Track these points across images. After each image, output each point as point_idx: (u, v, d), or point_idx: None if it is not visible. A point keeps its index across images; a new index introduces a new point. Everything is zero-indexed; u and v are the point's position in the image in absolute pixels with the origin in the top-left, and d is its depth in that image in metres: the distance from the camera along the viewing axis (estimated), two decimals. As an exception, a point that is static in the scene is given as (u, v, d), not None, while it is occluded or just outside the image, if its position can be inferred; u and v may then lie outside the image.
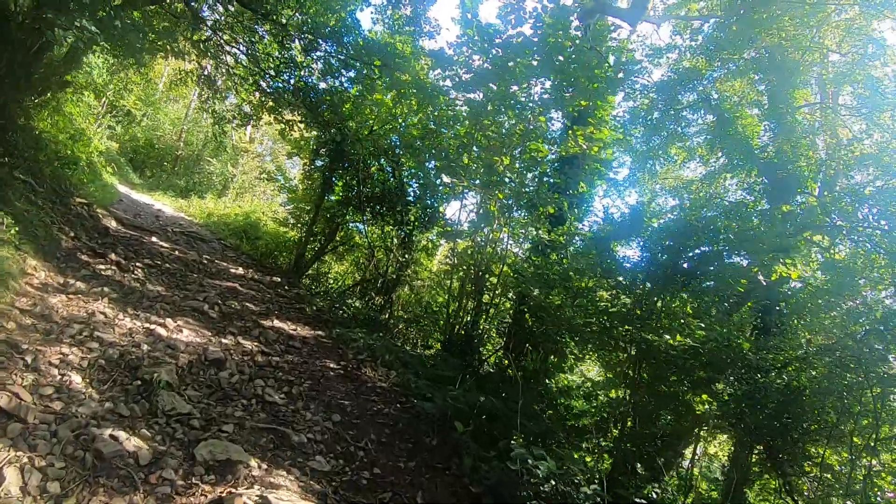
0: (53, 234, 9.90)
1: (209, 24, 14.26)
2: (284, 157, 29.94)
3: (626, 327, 8.23)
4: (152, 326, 7.31)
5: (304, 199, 16.79)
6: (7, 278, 7.49)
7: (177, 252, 12.62)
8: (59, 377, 5.47)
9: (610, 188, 15.14)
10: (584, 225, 12.75)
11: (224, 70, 16.52)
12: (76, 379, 5.53)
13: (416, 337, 12.89)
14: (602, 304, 9.05)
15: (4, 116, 11.87)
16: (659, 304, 7.75)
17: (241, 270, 13.07)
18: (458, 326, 11.05)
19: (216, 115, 17.28)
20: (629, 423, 8.73)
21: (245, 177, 29.66)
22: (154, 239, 13.17)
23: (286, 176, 18.20)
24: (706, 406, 7.90)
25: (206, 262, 12.61)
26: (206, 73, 17.06)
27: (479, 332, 11.27)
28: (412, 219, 13.68)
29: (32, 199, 10.52)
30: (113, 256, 10.12)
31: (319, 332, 9.65)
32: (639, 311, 7.90)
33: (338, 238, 15.92)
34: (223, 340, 7.67)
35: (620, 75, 11.24)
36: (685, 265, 7.63)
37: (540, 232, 11.32)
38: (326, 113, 15.14)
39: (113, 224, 13.29)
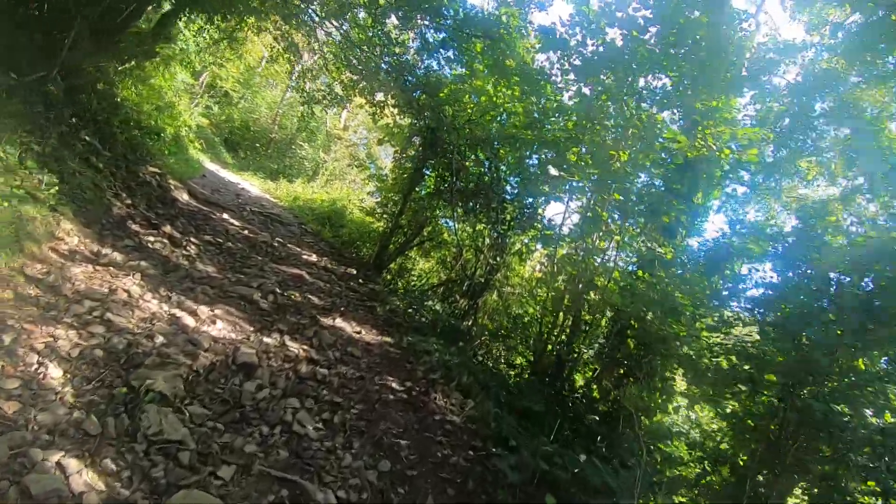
0: (105, 199, 8.84)
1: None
2: (377, 146, 28.97)
3: (771, 377, 6.35)
4: (180, 313, 5.97)
5: (393, 190, 15.42)
6: (24, 239, 6.35)
7: (246, 231, 11.45)
8: (34, 367, 4.18)
9: (727, 201, 13.07)
10: (694, 241, 10.79)
11: (313, 41, 15.45)
12: (54, 372, 4.22)
13: (500, 352, 11.21)
14: (730, 342, 7.28)
15: (81, 77, 11.10)
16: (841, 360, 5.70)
17: (314, 258, 11.75)
18: (549, 345, 9.33)
19: (306, 95, 16.22)
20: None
21: (336, 164, 28.75)
22: (225, 216, 12.07)
23: (377, 164, 16.91)
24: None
25: (276, 245, 11.38)
26: (294, 44, 15.98)
27: (574, 355, 9.50)
28: (508, 218, 11.99)
29: (93, 161, 9.55)
30: (168, 228, 8.97)
31: (387, 339, 8.08)
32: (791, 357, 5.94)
33: (425, 233, 14.44)
34: (265, 339, 6.23)
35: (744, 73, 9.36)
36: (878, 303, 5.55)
37: (653, 245, 9.44)
38: (421, 97, 13.77)
39: (184, 197, 12.29)
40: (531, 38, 12.44)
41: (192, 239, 9.11)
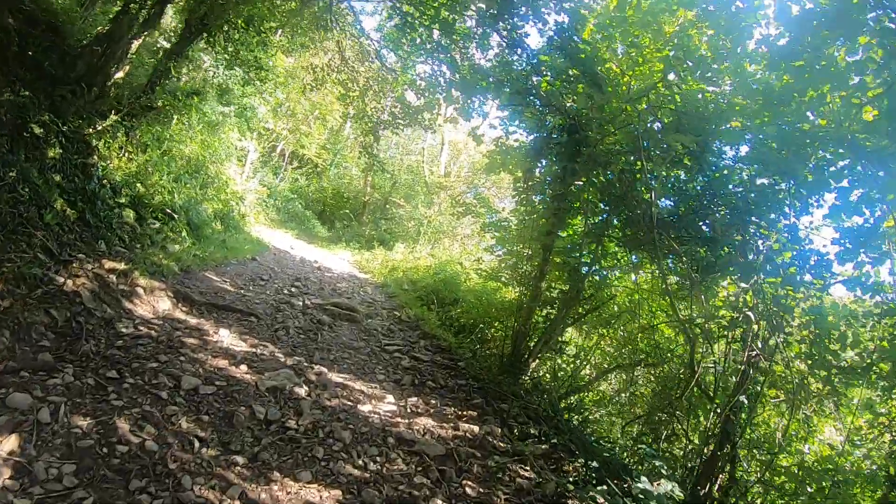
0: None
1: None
2: (489, 183, 23.38)
3: None
4: None
5: (520, 239, 9.39)
6: None
7: (241, 370, 5.64)
8: None
9: None
10: None
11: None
12: None
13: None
14: None
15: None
16: None
17: (393, 398, 5.90)
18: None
19: (363, 119, 10.89)
20: None
21: (441, 218, 23.28)
22: (220, 337, 6.46)
23: (491, 208, 10.92)
24: None
25: (316, 383, 5.64)
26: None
27: None
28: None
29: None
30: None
31: None
32: None
33: (585, 295, 8.25)
34: None
35: None
36: None
37: None
38: (544, 81, 8.08)
39: (160, 306, 6.90)
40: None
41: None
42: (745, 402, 5.34)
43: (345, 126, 29.87)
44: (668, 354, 7.60)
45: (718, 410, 5.40)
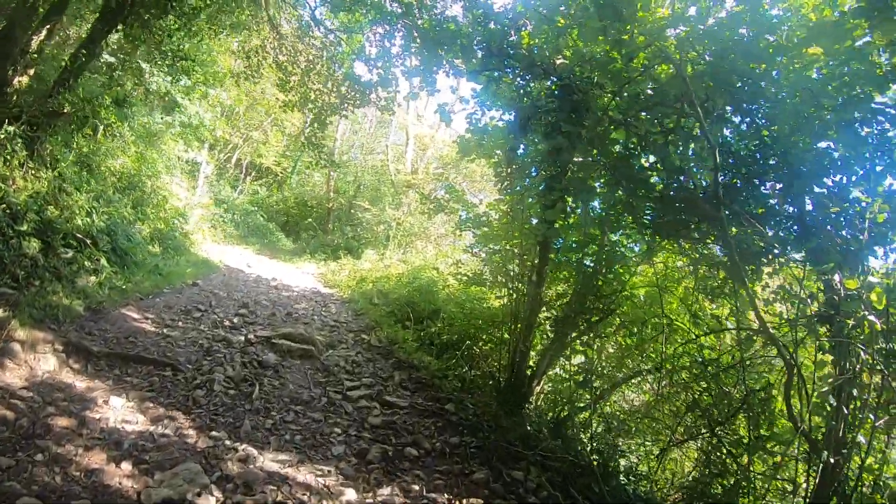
0: None
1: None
2: (462, 182, 21.71)
3: None
4: None
5: (506, 235, 7.62)
6: None
7: (122, 475, 3.81)
8: None
9: None
10: None
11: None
12: None
13: None
14: None
15: None
16: None
17: (356, 493, 4.13)
18: None
19: (307, 106, 9.19)
20: None
21: (411, 219, 21.47)
22: (113, 408, 4.67)
23: (465, 202, 9.08)
24: None
25: (237, 481, 3.82)
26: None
27: None
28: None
29: None
30: None
31: None
32: None
33: (599, 291, 6.47)
34: None
35: None
36: None
37: None
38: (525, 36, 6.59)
39: (45, 366, 5.18)
40: None
41: None
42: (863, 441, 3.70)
43: (303, 131, 28.04)
44: (703, 360, 5.89)
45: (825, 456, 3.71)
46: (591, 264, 6.57)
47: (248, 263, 16.72)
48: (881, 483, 3.90)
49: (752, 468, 4.54)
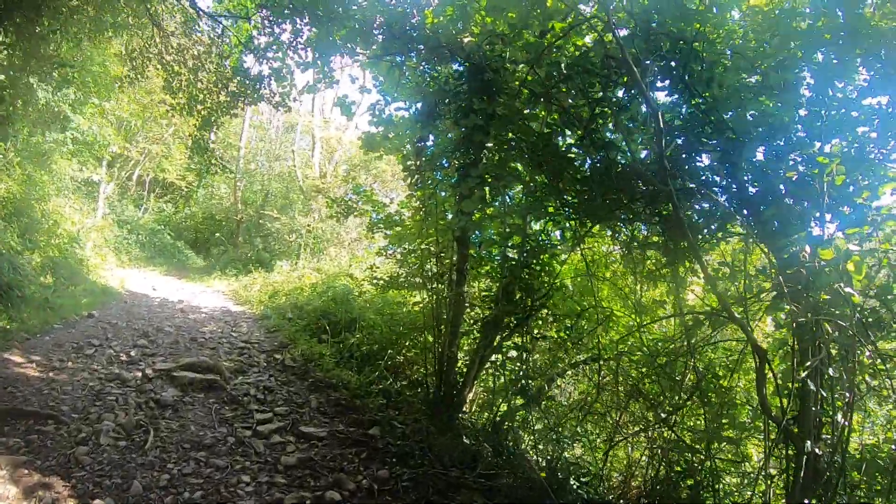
0: None
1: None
2: (373, 182, 21.05)
3: None
4: None
5: (420, 233, 7.06)
6: None
7: None
8: None
9: None
10: None
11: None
12: None
13: None
14: None
15: None
16: None
17: None
18: None
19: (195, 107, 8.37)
20: None
21: (322, 225, 20.63)
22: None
23: (375, 201, 8.40)
24: None
25: None
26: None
27: None
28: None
29: None
30: None
31: None
32: None
33: (527, 285, 5.95)
34: None
35: None
36: None
37: None
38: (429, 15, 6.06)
39: None
40: None
41: None
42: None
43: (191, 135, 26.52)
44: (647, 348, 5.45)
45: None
46: (516, 257, 6.07)
47: (153, 287, 15.59)
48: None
49: (713, 461, 4.12)
